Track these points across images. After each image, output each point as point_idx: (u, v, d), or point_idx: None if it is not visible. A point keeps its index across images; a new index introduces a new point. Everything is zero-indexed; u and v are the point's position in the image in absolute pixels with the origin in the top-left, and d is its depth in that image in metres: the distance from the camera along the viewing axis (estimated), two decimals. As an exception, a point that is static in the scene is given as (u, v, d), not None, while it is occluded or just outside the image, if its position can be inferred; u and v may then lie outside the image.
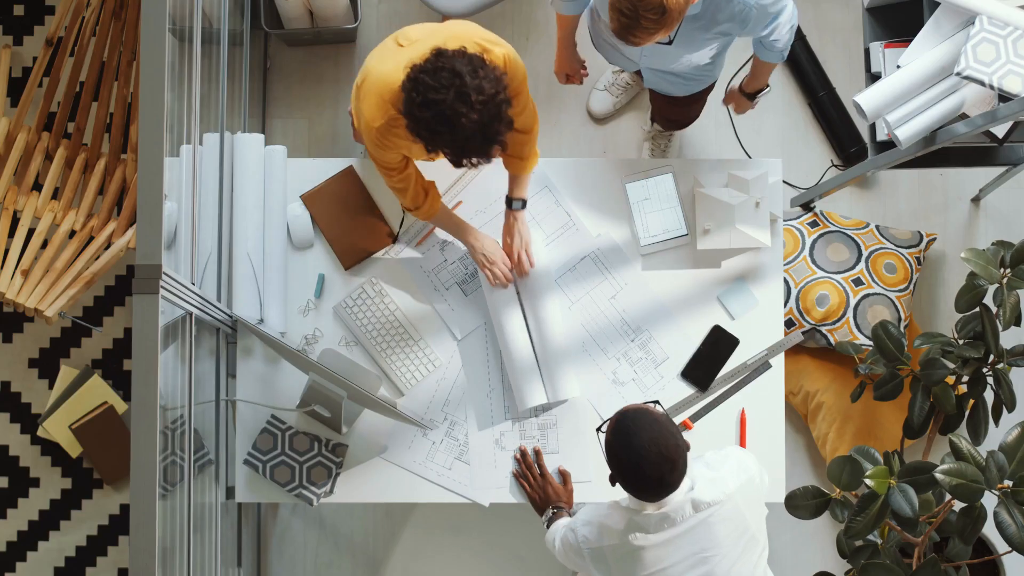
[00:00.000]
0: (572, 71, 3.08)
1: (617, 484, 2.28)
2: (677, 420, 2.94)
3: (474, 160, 2.34)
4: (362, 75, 2.54)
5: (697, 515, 2.30)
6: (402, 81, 2.35)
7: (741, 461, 2.39)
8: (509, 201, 2.87)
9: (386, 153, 2.57)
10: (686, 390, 2.95)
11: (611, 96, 3.67)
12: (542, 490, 2.84)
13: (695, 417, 2.93)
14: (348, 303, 2.95)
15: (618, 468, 2.23)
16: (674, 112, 3.27)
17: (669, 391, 2.95)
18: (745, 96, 3.06)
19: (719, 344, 2.94)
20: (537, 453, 2.89)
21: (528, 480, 2.87)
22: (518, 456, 2.90)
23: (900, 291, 3.46)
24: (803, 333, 3.44)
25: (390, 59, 2.48)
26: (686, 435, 2.92)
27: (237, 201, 2.94)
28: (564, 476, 2.89)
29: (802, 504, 2.61)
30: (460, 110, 2.26)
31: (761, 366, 2.91)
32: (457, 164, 2.36)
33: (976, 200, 3.73)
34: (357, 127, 2.84)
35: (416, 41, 2.49)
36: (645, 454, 2.18)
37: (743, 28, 2.58)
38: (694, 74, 2.89)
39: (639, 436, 2.19)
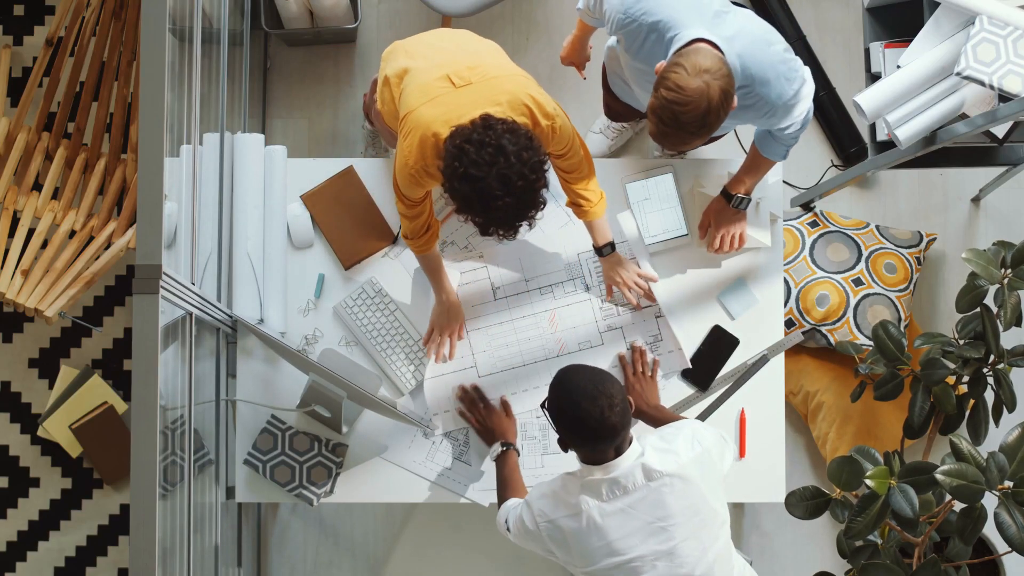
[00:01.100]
0: (579, 63, 3.05)
1: (570, 452, 2.33)
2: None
3: (500, 233, 2.34)
4: (406, 105, 2.48)
5: (649, 484, 2.29)
6: (445, 141, 2.34)
7: (696, 433, 2.37)
8: (599, 250, 2.85)
9: (414, 189, 2.54)
10: (686, 390, 2.95)
11: (606, 139, 3.66)
12: (488, 420, 2.83)
13: (700, 419, 2.93)
14: (348, 303, 2.95)
15: (562, 419, 2.26)
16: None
17: (670, 391, 2.95)
18: (726, 198, 2.85)
19: (719, 344, 2.94)
20: (476, 388, 2.89)
21: (474, 414, 2.87)
22: (459, 395, 2.90)
23: (900, 291, 3.46)
24: (803, 333, 3.44)
25: (440, 103, 2.43)
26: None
27: (237, 201, 2.94)
28: (506, 407, 2.89)
29: (802, 504, 2.62)
30: (497, 192, 2.25)
31: (759, 360, 2.92)
32: (484, 233, 2.36)
33: (976, 200, 3.73)
34: (380, 123, 2.83)
35: (470, 84, 2.44)
36: (583, 391, 2.21)
37: (765, 120, 2.54)
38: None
39: (575, 379, 2.24)
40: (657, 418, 2.72)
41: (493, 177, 2.24)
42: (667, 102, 2.27)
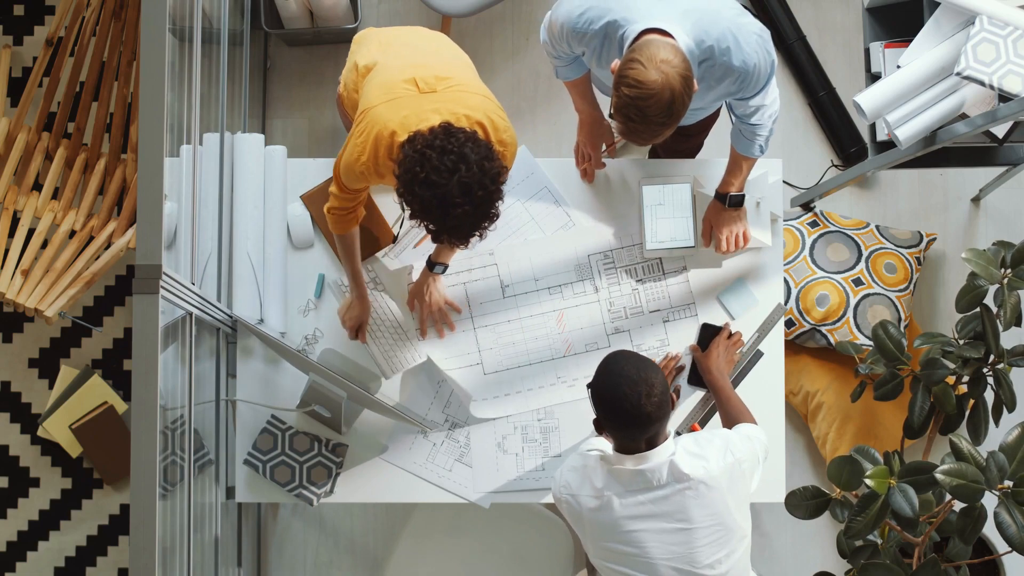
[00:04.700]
0: (595, 146, 2.93)
1: (602, 436, 2.36)
2: (682, 422, 2.94)
3: (453, 241, 2.34)
4: (366, 100, 2.47)
5: (674, 485, 2.30)
6: (403, 146, 2.32)
7: (728, 442, 2.38)
8: (723, 197, 2.83)
9: (356, 183, 2.53)
10: (695, 398, 2.94)
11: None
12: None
13: (703, 421, 2.93)
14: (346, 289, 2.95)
15: (600, 400, 2.28)
16: (680, 143, 3.17)
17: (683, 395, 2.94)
18: (720, 200, 2.85)
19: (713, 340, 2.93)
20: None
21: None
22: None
23: (900, 291, 3.46)
24: (802, 333, 3.44)
25: (401, 105, 2.42)
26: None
27: (237, 201, 2.94)
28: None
29: (802, 504, 2.61)
30: (457, 200, 2.24)
31: (754, 356, 2.92)
32: (436, 240, 2.36)
33: (976, 200, 3.73)
34: (339, 107, 2.83)
35: (434, 92, 2.43)
36: (625, 376, 2.23)
37: (741, 90, 2.52)
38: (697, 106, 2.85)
39: (620, 362, 2.27)
40: (720, 385, 2.78)
41: (454, 184, 2.23)
42: (630, 99, 2.25)
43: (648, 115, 2.26)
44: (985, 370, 2.77)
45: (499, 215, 2.34)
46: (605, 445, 2.44)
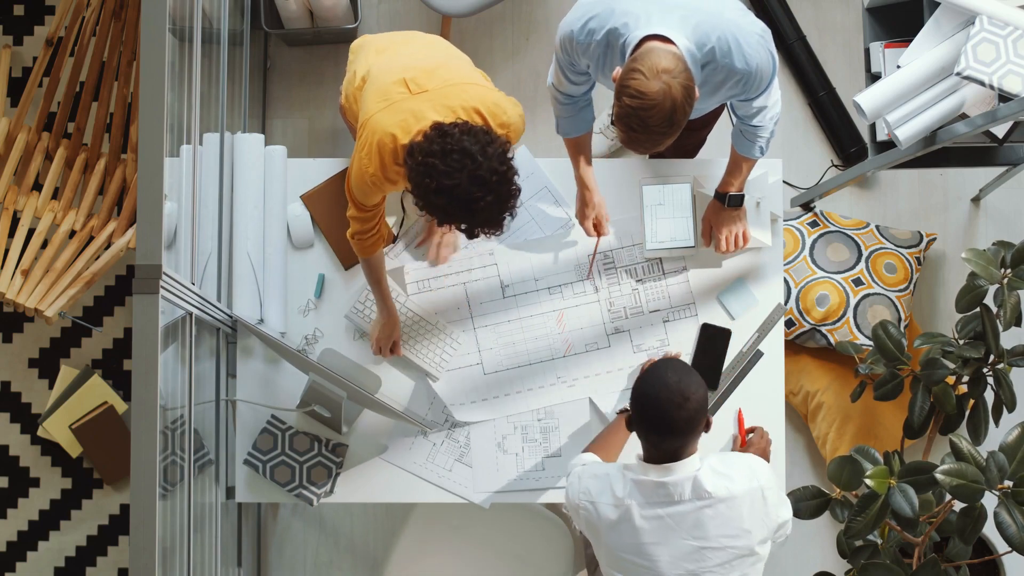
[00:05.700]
0: (586, 217, 2.87)
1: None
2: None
3: (488, 232, 2.35)
4: (364, 111, 2.48)
5: (694, 502, 2.29)
6: (406, 161, 2.33)
7: (753, 468, 2.34)
8: (723, 197, 2.83)
9: (371, 196, 2.54)
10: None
11: (606, 139, 3.64)
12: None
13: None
14: (358, 307, 2.95)
15: (635, 397, 2.28)
16: (684, 138, 3.16)
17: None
18: (720, 199, 2.85)
19: (714, 340, 2.93)
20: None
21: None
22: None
23: (900, 291, 3.46)
24: (802, 333, 3.45)
25: (397, 109, 2.43)
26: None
27: (237, 201, 2.94)
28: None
29: (802, 504, 2.62)
30: (476, 195, 2.25)
31: (754, 356, 2.92)
32: (471, 236, 2.36)
33: (976, 200, 3.73)
34: (343, 116, 2.84)
35: (426, 91, 2.44)
36: (663, 381, 2.24)
37: (744, 91, 2.51)
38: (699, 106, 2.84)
39: (664, 367, 2.27)
40: None
41: (466, 181, 2.25)
42: (632, 109, 2.25)
43: (650, 125, 2.26)
44: (985, 370, 2.77)
45: (520, 189, 2.35)
46: (595, 459, 2.45)
